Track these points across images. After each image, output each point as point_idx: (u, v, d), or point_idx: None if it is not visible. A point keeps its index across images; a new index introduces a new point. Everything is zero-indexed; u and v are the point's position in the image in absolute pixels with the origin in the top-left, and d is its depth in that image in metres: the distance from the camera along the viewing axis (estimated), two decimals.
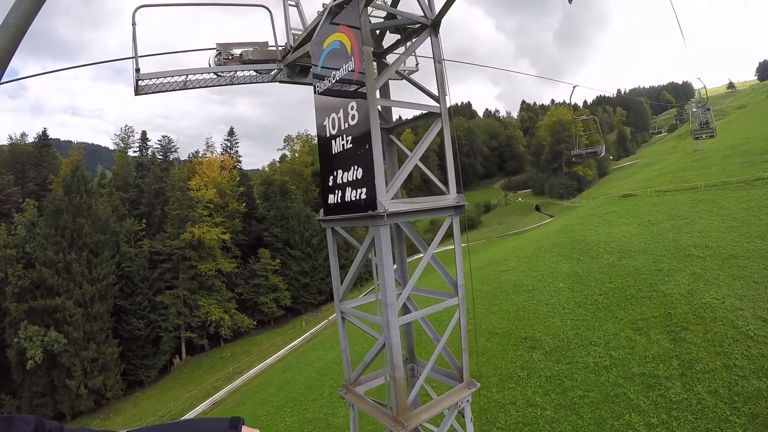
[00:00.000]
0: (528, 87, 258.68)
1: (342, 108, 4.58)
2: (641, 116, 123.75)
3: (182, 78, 5.82)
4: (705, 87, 29.29)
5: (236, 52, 6.11)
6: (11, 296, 39.25)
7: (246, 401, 30.01)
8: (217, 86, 6.29)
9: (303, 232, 50.45)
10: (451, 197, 4.98)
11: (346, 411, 19.78)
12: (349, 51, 4.38)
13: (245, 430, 0.95)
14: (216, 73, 6.13)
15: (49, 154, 52.05)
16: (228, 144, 59.51)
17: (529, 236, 44.18)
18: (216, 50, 6.11)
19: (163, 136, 58.10)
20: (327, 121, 4.91)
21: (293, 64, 6.12)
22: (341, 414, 20.27)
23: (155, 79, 5.61)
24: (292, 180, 53.72)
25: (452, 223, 5.13)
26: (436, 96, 4.99)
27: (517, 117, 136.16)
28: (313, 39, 5.06)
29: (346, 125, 4.54)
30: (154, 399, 41.46)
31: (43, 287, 40.12)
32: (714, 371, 13.52)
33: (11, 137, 50.65)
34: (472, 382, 5.42)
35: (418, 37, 4.89)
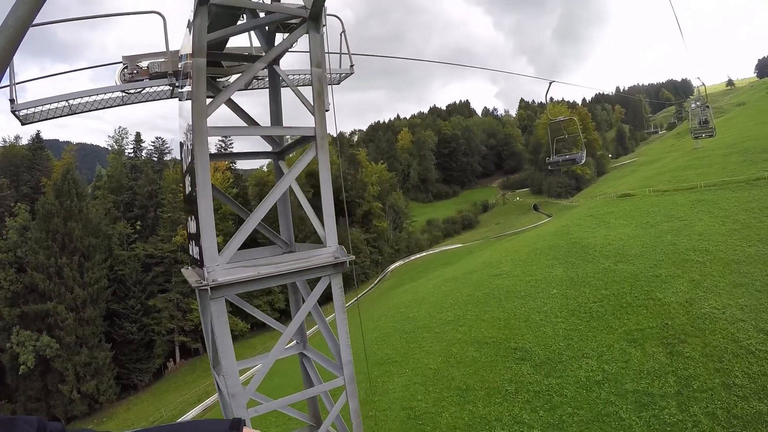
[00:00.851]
0: (527, 85, 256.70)
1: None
2: (640, 114, 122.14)
3: (75, 101, 4.84)
4: (704, 84, 28.16)
5: (144, 65, 5.13)
6: (4, 301, 38.65)
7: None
8: (126, 105, 5.31)
9: (297, 234, 49.32)
10: (329, 251, 3.82)
11: None
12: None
13: (246, 431, 0.91)
14: (124, 91, 5.16)
15: (43, 157, 51.29)
16: (222, 145, 58.52)
17: (526, 237, 43.13)
18: (122, 64, 5.15)
19: (157, 138, 57.24)
20: (182, 150, 3.88)
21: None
22: None
23: (40, 107, 4.65)
24: None
25: (331, 284, 3.91)
26: (320, 109, 3.88)
27: (516, 115, 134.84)
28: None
29: (189, 158, 3.52)
30: (148, 403, 40.76)
31: (35, 292, 39.48)
32: (712, 390, 12.53)
33: (5, 140, 50.00)
34: None
35: (291, 35, 3.82)
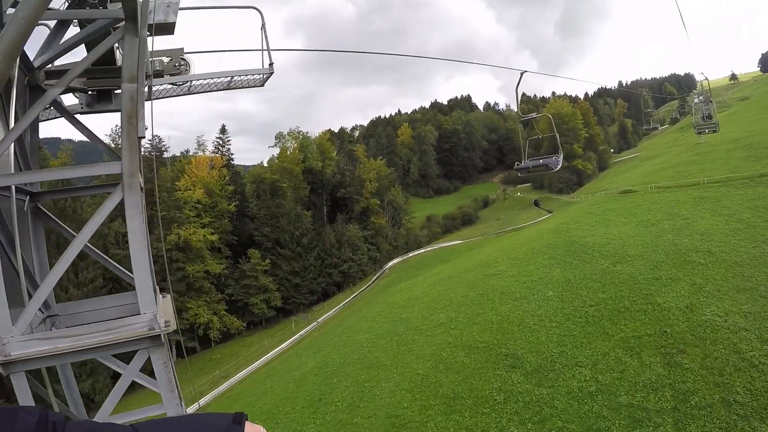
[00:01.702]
0: (529, 79, 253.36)
1: None
2: (651, 109, 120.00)
3: None
4: (707, 79, 27.06)
5: None
6: None
7: (227, 409, 28.68)
8: None
9: (293, 232, 48.83)
10: (143, 320, 2.86)
11: (314, 428, 18.24)
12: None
13: (248, 426, 0.91)
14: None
15: (40, 156, 50.64)
16: (220, 142, 57.89)
17: (525, 235, 42.17)
18: None
19: (154, 135, 56.39)
20: None
21: (78, 89, 4.06)
22: (309, 431, 18.72)
23: None
24: (283, 178, 52.01)
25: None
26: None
27: (517, 110, 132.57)
28: None
29: None
30: (144, 402, 39.74)
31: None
32: (711, 407, 11.64)
33: None
34: None
35: (98, 46, 2.91)
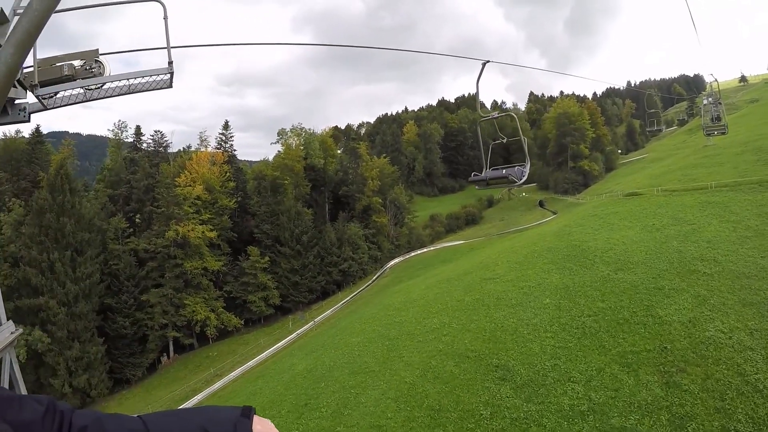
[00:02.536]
0: (538, 78, 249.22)
1: None
2: (651, 109, 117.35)
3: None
4: (716, 80, 25.86)
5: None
6: None
7: None
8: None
9: (293, 229, 48.18)
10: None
11: None
12: None
13: (257, 420, 0.91)
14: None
15: (42, 151, 50.71)
16: (222, 138, 57.40)
17: (526, 237, 41.15)
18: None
19: (156, 131, 56.10)
20: None
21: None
22: None
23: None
24: (284, 175, 51.36)
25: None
26: None
27: (525, 109, 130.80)
28: None
29: None
30: (139, 398, 40.30)
31: (29, 286, 39.11)
32: None
33: (5, 134, 49.57)
34: None
35: None
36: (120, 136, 53.22)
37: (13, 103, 4.12)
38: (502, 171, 6.85)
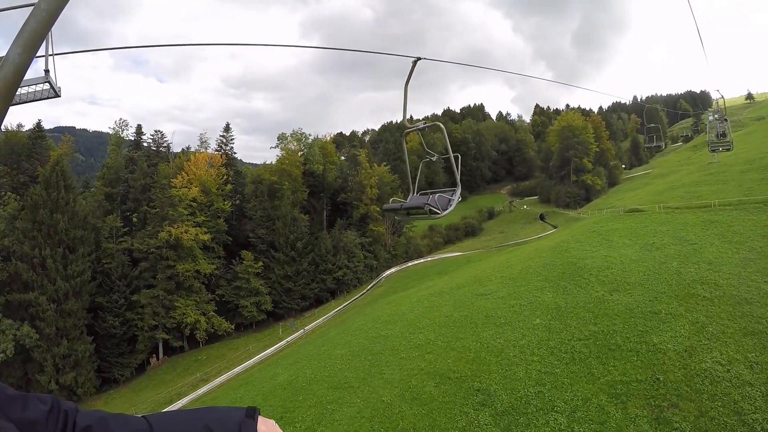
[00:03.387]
0: (544, 90, 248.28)
1: None
2: (657, 124, 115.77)
3: None
4: (723, 97, 24.88)
5: None
6: None
7: None
8: None
9: (288, 235, 47.36)
10: None
11: None
12: None
13: (261, 420, 0.92)
14: None
15: (43, 146, 50.54)
16: (223, 140, 56.97)
17: (523, 251, 40.02)
18: None
19: (156, 131, 55.86)
20: None
21: None
22: None
23: None
24: (282, 180, 50.73)
25: None
26: None
27: (530, 121, 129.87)
28: None
29: None
30: (126, 398, 39.45)
31: (20, 281, 38.59)
32: None
33: (7, 127, 49.42)
34: None
35: None
36: (120, 135, 52.93)
37: None
38: (427, 198, 5.56)
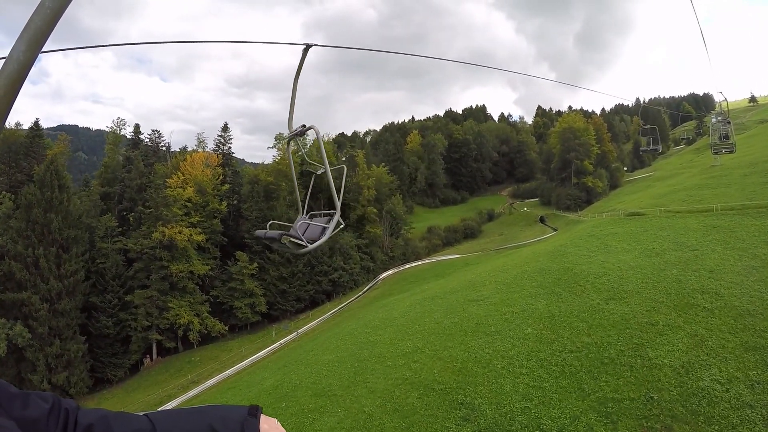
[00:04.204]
0: (547, 92, 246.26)
1: None
2: (659, 126, 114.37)
3: None
4: (726, 99, 24.00)
5: None
6: None
7: None
8: None
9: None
10: None
11: None
12: None
13: (263, 419, 0.92)
14: None
15: (40, 145, 50.14)
16: (221, 140, 56.37)
17: (521, 254, 39.00)
18: None
19: (153, 130, 55.32)
20: None
21: None
22: None
23: None
24: (277, 180, 49.98)
25: None
26: None
27: (531, 122, 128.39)
28: None
29: None
30: (118, 399, 38.88)
31: (12, 280, 38.16)
32: None
33: (7, 126, 48.92)
34: None
35: None
36: (118, 134, 52.44)
37: None
38: (299, 226, 4.07)
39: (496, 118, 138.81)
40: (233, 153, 56.79)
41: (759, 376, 12.16)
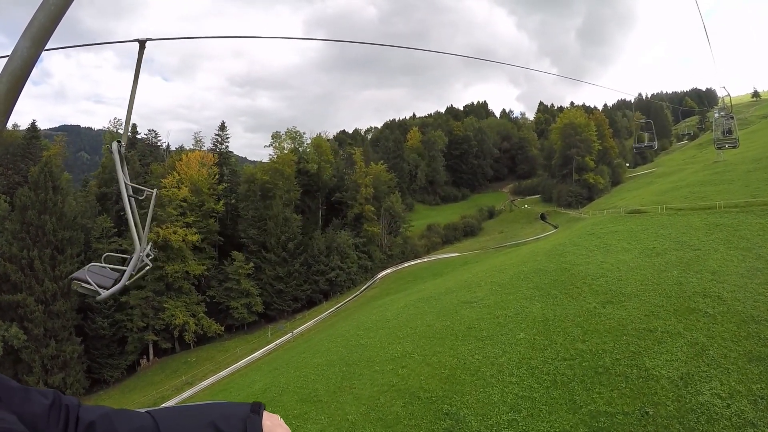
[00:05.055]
0: (549, 88, 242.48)
1: None
2: (662, 122, 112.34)
3: None
4: (729, 94, 22.85)
5: None
6: None
7: None
8: None
9: (280, 236, 45.88)
10: None
11: None
12: None
13: (266, 416, 0.89)
14: None
15: (37, 146, 49.74)
16: (218, 139, 55.69)
17: (519, 253, 38.05)
18: None
19: (150, 130, 54.77)
20: None
21: None
22: None
23: None
24: (274, 179, 49.20)
25: None
26: None
27: (533, 119, 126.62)
28: None
29: None
30: (114, 400, 38.49)
31: (8, 282, 37.87)
32: None
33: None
34: None
35: None
36: (115, 133, 51.88)
37: None
38: (86, 270, 3.24)
39: (498, 115, 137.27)
40: (230, 151, 56.03)
41: (763, 391, 11.21)
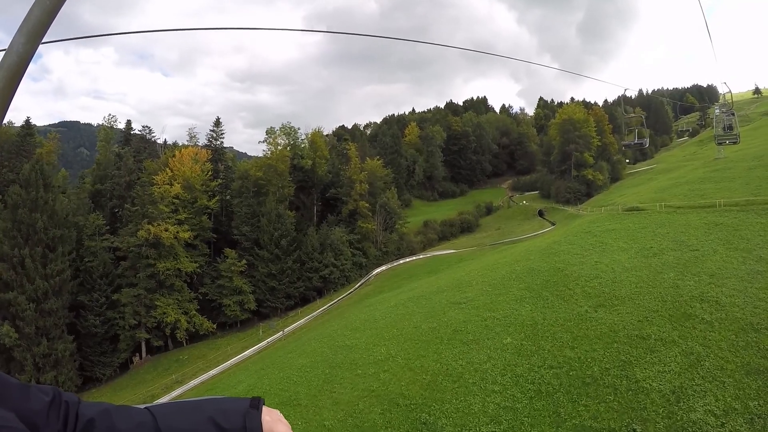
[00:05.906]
0: (550, 83, 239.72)
1: None
2: (662, 118, 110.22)
3: None
4: (730, 91, 21.83)
5: None
6: None
7: None
8: None
9: (273, 233, 45.01)
10: None
11: None
12: None
13: (265, 411, 0.88)
14: None
15: (31, 143, 48.96)
16: (213, 135, 54.72)
17: (513, 252, 37.02)
18: None
19: (144, 126, 53.93)
20: None
21: None
22: None
23: None
24: (267, 175, 48.25)
25: None
26: None
27: (533, 114, 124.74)
28: None
29: None
30: (106, 398, 37.97)
31: (0, 281, 37.30)
32: None
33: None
34: None
35: None
36: (109, 130, 51.05)
37: None
38: None
39: (498, 111, 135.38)
40: (224, 147, 55.08)
41: (760, 409, 10.24)
